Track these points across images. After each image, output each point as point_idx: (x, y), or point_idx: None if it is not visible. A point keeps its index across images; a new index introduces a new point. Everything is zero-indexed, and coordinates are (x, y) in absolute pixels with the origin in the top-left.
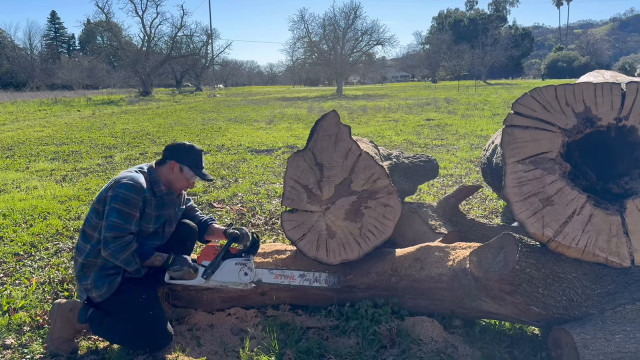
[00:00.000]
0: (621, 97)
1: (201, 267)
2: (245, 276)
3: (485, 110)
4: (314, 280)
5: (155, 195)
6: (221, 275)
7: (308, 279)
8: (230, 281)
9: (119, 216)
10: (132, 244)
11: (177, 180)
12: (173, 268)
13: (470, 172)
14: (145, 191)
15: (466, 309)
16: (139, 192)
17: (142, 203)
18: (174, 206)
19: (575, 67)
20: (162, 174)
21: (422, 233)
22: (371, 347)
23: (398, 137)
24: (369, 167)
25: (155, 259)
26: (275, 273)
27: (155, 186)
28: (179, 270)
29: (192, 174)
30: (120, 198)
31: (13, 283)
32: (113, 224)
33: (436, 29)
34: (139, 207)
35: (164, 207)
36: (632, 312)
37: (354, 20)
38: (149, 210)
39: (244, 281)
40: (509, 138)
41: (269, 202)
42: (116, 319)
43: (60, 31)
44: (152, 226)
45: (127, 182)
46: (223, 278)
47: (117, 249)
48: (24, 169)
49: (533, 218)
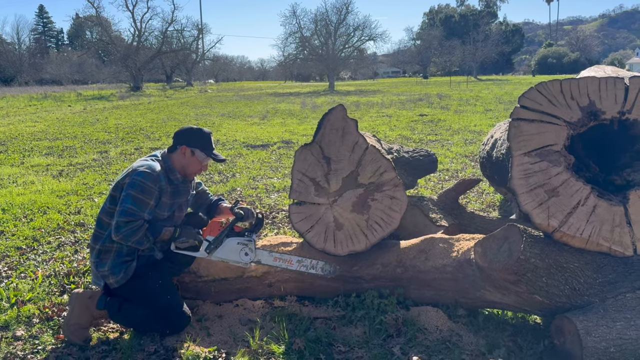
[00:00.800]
0: (624, 92)
1: (205, 241)
2: (245, 256)
3: (477, 106)
4: (311, 267)
5: (172, 183)
6: (223, 252)
7: (305, 265)
8: (231, 259)
9: (134, 203)
10: (143, 227)
11: (190, 165)
12: (180, 240)
13: (465, 166)
14: (161, 179)
15: (470, 298)
16: (155, 181)
17: (158, 192)
18: (187, 194)
19: (565, 63)
20: (175, 160)
21: (424, 226)
22: (378, 336)
23: (392, 133)
24: (375, 161)
25: (164, 235)
26: (274, 256)
27: (171, 174)
28: (185, 242)
29: (204, 156)
30: (137, 185)
31: (19, 276)
32: (128, 210)
33: (427, 24)
34: (154, 196)
35: (179, 195)
36: (633, 300)
37: (346, 15)
38: (164, 199)
39: (244, 260)
40: (515, 131)
41: (268, 196)
42: (134, 304)
43: (48, 25)
44: (166, 213)
45: (145, 170)
46: (225, 255)
47: (129, 233)
48: (19, 164)
49: (539, 209)
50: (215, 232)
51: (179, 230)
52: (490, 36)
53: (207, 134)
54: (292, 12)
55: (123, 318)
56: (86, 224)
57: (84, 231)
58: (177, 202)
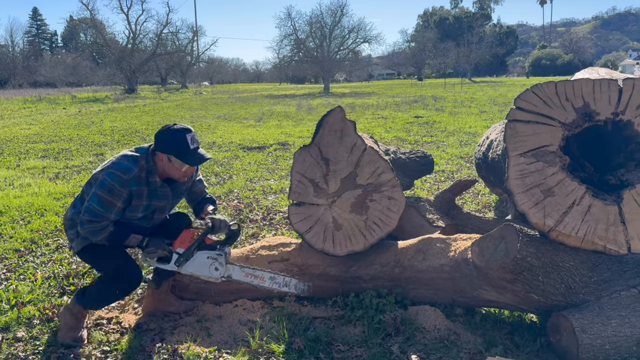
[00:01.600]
0: (618, 93)
1: (175, 254)
2: (215, 271)
3: (472, 108)
4: (284, 285)
5: (149, 185)
6: (193, 267)
7: (278, 282)
8: (202, 274)
9: (101, 204)
10: (107, 229)
11: (170, 170)
12: (147, 250)
13: (461, 167)
14: (132, 184)
15: (467, 297)
16: (125, 185)
17: (128, 195)
18: (167, 198)
19: (559, 64)
20: (158, 165)
21: (420, 226)
22: (377, 335)
23: (388, 134)
24: (373, 162)
25: (130, 240)
26: (246, 271)
27: (150, 176)
28: (153, 252)
29: (180, 163)
30: (106, 186)
31: (18, 278)
32: (93, 209)
33: (422, 27)
34: (122, 199)
35: (156, 198)
36: (627, 298)
37: (341, 18)
38: (136, 202)
39: (214, 276)
40: (511, 132)
41: (265, 198)
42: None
43: (42, 28)
44: (140, 214)
45: (116, 172)
46: (194, 270)
47: (91, 232)
48: (15, 167)
49: (535, 208)
50: (185, 243)
51: (147, 240)
52: (484, 38)
53: (180, 136)
54: (287, 14)
55: (90, 299)
56: None
57: None
58: (155, 205)
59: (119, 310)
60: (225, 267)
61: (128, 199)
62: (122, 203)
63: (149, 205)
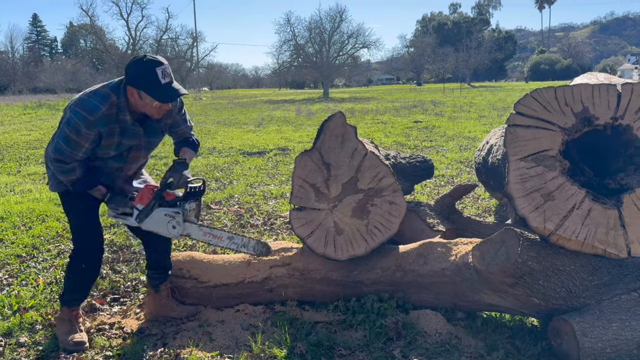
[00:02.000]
0: (617, 98)
1: (136, 210)
2: (173, 229)
3: (471, 113)
4: (242, 246)
5: (119, 123)
6: (151, 224)
7: (236, 242)
8: (160, 231)
9: (68, 143)
10: (75, 172)
11: (143, 107)
12: (110, 206)
13: (461, 172)
14: (100, 124)
15: (468, 302)
16: (91, 127)
17: (96, 136)
18: (139, 137)
19: (557, 69)
20: (130, 100)
21: (421, 231)
22: (378, 340)
23: (387, 139)
24: (374, 166)
25: (96, 190)
26: (204, 230)
27: (120, 113)
28: (115, 209)
29: (151, 99)
30: (72, 126)
31: (20, 284)
32: (59, 148)
33: (420, 32)
34: (89, 140)
35: (128, 137)
36: (628, 301)
37: (340, 23)
38: (107, 142)
39: (172, 234)
40: (511, 137)
41: (266, 203)
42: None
43: (42, 34)
44: (112, 152)
45: (82, 112)
46: (153, 227)
47: (59, 171)
48: (16, 173)
49: (535, 213)
50: (145, 200)
51: (109, 195)
52: (483, 43)
53: (150, 72)
54: (287, 20)
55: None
56: None
57: None
58: (127, 143)
59: (121, 316)
60: (183, 225)
61: (97, 139)
62: (89, 144)
63: (120, 143)
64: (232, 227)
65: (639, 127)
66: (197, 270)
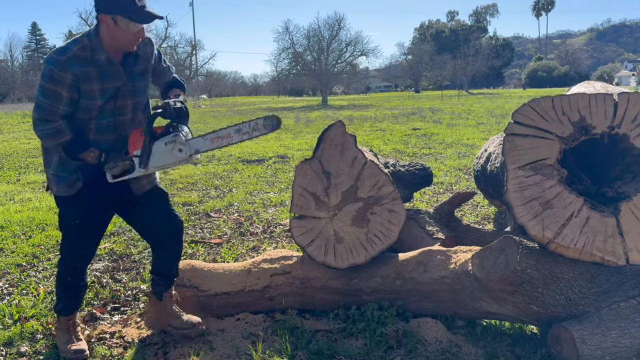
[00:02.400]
0: (614, 107)
1: (135, 158)
2: (180, 152)
3: (469, 120)
4: (252, 130)
5: (96, 65)
6: (157, 160)
7: (245, 131)
8: (169, 163)
9: (45, 95)
10: (64, 133)
11: (118, 36)
12: (109, 165)
13: (460, 179)
14: (73, 64)
15: (468, 309)
16: (64, 68)
17: (72, 79)
18: (120, 77)
19: (555, 76)
20: (103, 35)
21: (420, 238)
22: (379, 348)
23: (386, 147)
24: (374, 175)
25: (89, 154)
26: (210, 138)
27: (95, 54)
28: (115, 166)
29: (127, 23)
30: (46, 75)
31: (20, 293)
32: (40, 103)
33: (418, 39)
34: (66, 85)
35: (108, 79)
36: (627, 309)
37: (338, 31)
38: (87, 87)
39: (181, 157)
40: (509, 146)
41: (265, 211)
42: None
43: (41, 42)
44: (99, 101)
45: (53, 56)
46: (160, 162)
47: (47, 134)
48: (15, 181)
49: (534, 221)
50: (138, 143)
51: (104, 154)
52: (480, 50)
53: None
54: (285, 28)
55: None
56: None
57: None
58: (113, 87)
59: (121, 325)
60: (188, 144)
61: (74, 84)
62: (67, 91)
63: (103, 88)
64: (232, 234)
65: (635, 136)
66: (198, 279)
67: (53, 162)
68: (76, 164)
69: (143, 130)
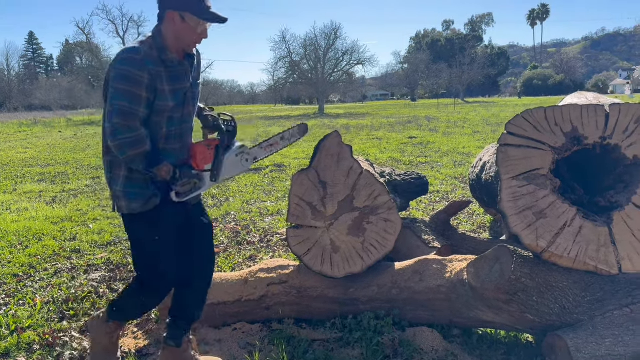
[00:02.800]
0: (605, 118)
1: (205, 173)
2: (247, 162)
3: (465, 128)
4: (291, 136)
5: (166, 65)
6: (226, 172)
7: (287, 138)
8: (236, 173)
9: (124, 98)
10: (146, 143)
11: (184, 34)
12: (181, 182)
13: (456, 188)
14: (148, 63)
15: (464, 318)
16: (141, 67)
17: (149, 79)
18: (187, 79)
19: (550, 84)
20: (167, 33)
21: (416, 247)
22: (375, 357)
23: (383, 155)
24: (370, 185)
25: (162, 169)
26: (264, 146)
27: (163, 54)
28: (188, 183)
29: (197, 21)
30: (122, 77)
31: (17, 303)
32: (119, 108)
33: (414, 48)
34: (144, 85)
35: (177, 80)
36: (620, 317)
37: (335, 40)
38: (161, 86)
39: (247, 167)
40: (503, 156)
41: (262, 220)
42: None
43: (38, 52)
44: (171, 102)
45: (127, 56)
46: (229, 173)
47: (128, 143)
48: (12, 191)
49: (527, 230)
50: (208, 157)
51: (179, 171)
52: (476, 59)
53: None
54: (282, 37)
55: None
56: (82, 250)
57: (80, 257)
58: (181, 89)
59: None
60: (251, 153)
61: (151, 84)
62: (146, 91)
63: (173, 90)
64: (229, 244)
65: (627, 146)
66: None
67: (121, 177)
68: (144, 178)
69: (208, 144)
